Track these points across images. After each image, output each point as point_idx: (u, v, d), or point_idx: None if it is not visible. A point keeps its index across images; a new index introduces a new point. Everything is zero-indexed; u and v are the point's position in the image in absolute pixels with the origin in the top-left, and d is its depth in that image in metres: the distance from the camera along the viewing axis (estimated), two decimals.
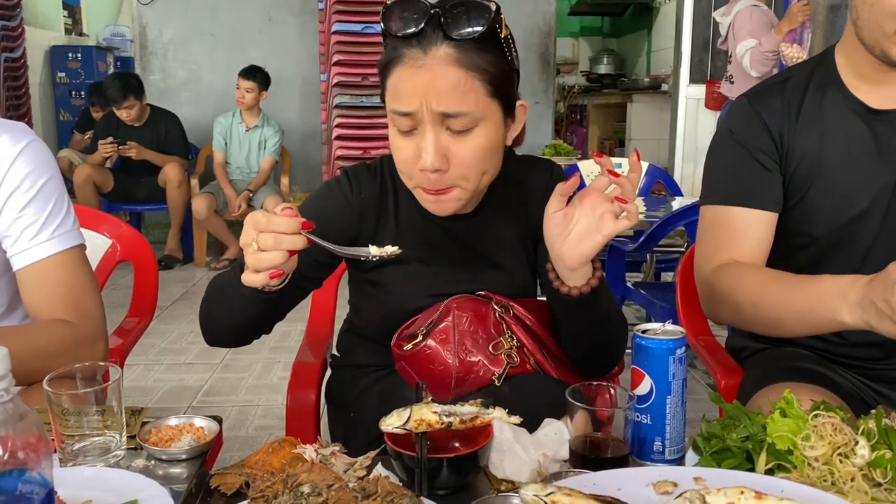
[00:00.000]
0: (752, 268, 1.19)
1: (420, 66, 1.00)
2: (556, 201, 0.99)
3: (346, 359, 1.34)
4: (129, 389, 2.90)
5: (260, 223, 0.90)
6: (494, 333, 1.14)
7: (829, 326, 1.03)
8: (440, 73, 1.00)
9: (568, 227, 0.99)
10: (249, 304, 1.04)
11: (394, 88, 1.04)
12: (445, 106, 1.01)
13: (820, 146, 1.21)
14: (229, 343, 1.18)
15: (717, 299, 1.21)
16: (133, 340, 1.58)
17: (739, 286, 1.16)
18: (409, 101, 1.01)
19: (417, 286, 1.18)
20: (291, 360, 1.42)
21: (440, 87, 1.00)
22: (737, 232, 1.22)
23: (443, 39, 1.00)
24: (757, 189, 1.22)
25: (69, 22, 7.28)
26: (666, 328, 0.91)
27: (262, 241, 0.90)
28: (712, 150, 1.30)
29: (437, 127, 1.03)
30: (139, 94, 4.83)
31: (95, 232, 1.68)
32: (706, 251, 1.25)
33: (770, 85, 1.27)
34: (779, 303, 1.10)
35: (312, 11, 5.31)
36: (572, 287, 1.02)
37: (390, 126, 1.08)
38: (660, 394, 0.88)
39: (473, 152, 1.05)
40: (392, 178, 1.20)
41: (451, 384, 1.12)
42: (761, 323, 1.16)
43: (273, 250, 0.90)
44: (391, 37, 1.03)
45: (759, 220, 1.22)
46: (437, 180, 1.05)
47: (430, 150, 1.02)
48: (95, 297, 1.23)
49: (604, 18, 9.21)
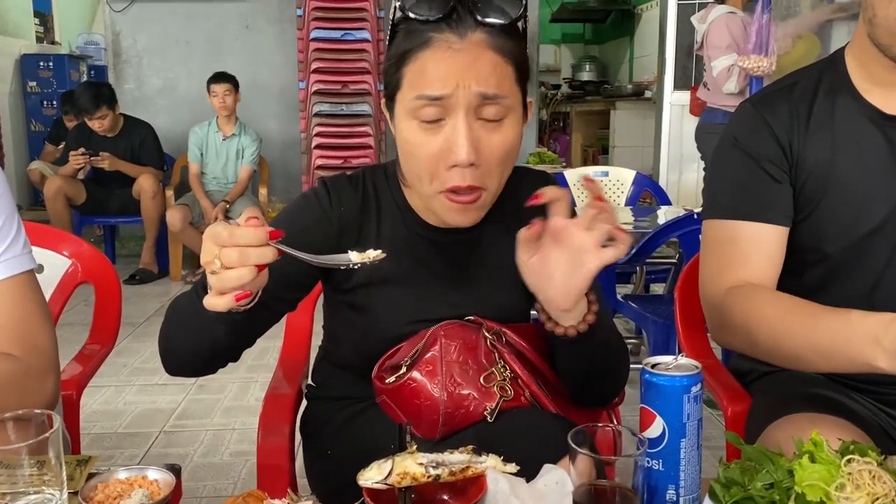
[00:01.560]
0: (768, 294, 1.10)
1: (458, 49, 0.93)
2: (525, 249, 0.90)
3: (322, 390, 1.23)
4: (98, 413, 2.77)
5: (221, 237, 0.77)
6: (486, 363, 1.04)
7: (858, 369, 0.94)
8: (479, 55, 0.93)
9: (548, 272, 0.89)
10: (213, 327, 0.91)
11: (419, 73, 0.95)
12: (487, 87, 0.93)
13: (832, 155, 1.12)
14: (192, 371, 1.05)
15: (730, 326, 1.12)
16: (93, 368, 1.46)
17: (755, 315, 1.07)
18: (443, 83, 0.93)
19: (401, 309, 1.08)
20: (269, 380, 1.32)
21: (481, 68, 0.93)
22: (745, 249, 1.13)
23: (474, 24, 0.93)
24: (766, 201, 1.13)
25: (41, 30, 7.11)
26: (679, 362, 0.81)
27: (225, 257, 0.76)
28: (716, 159, 1.21)
29: (471, 116, 0.94)
30: (112, 104, 4.70)
31: (54, 251, 1.57)
32: (712, 270, 1.16)
33: (776, 90, 1.18)
34: (800, 339, 1.01)
35: (290, 18, 5.21)
36: (568, 327, 0.93)
37: (405, 122, 0.97)
38: (673, 437, 0.78)
39: (503, 145, 0.97)
40: (375, 189, 1.10)
41: (438, 421, 1.01)
42: (779, 357, 1.07)
43: (239, 266, 0.77)
44: (415, 21, 0.95)
45: (770, 236, 1.13)
46: (471, 175, 0.95)
47: (465, 140, 0.93)
48: (46, 328, 1.12)
49: (585, 25, 9.18)
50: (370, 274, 1.08)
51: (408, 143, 0.98)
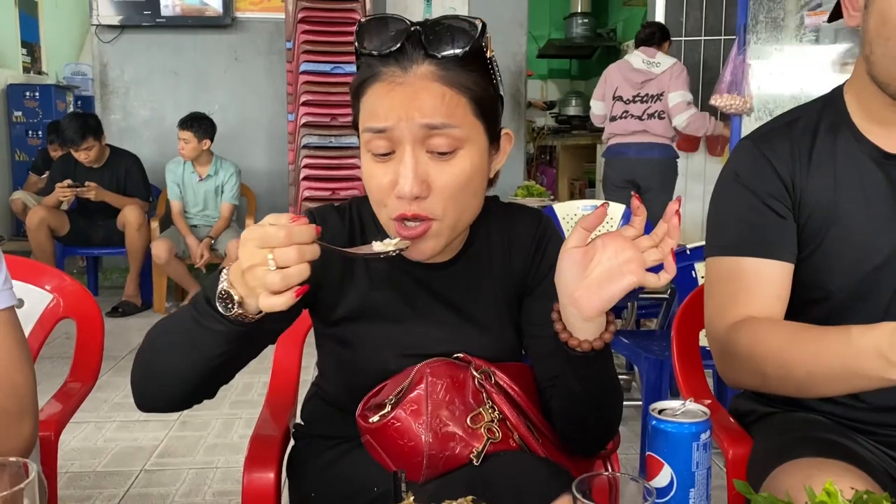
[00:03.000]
0: (771, 323, 1.08)
1: (400, 83, 0.92)
2: (578, 235, 0.85)
3: (310, 428, 1.20)
4: (77, 451, 2.69)
5: (278, 238, 0.77)
6: (473, 403, 1.00)
7: (873, 385, 0.92)
8: (423, 87, 0.92)
9: (587, 268, 0.84)
10: (219, 342, 0.87)
11: (369, 107, 0.95)
12: (430, 117, 0.91)
13: (834, 193, 1.11)
14: (167, 403, 0.97)
15: (736, 361, 1.09)
16: (74, 407, 1.41)
17: (761, 346, 1.04)
18: (386, 116, 0.92)
19: (386, 344, 1.05)
20: (253, 417, 1.27)
21: (423, 99, 0.92)
22: (750, 285, 1.11)
23: (424, 58, 0.93)
24: (771, 238, 1.11)
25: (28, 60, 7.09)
26: (687, 408, 0.78)
27: (283, 256, 0.76)
28: (717, 196, 1.19)
29: (418, 147, 0.93)
30: (98, 135, 4.66)
31: (35, 286, 1.53)
32: (717, 308, 1.14)
33: (776, 127, 1.17)
34: (809, 365, 0.98)
35: (279, 51, 5.22)
36: (582, 341, 0.88)
37: (363, 154, 0.98)
38: (682, 487, 0.75)
39: (456, 178, 0.94)
40: (361, 221, 1.09)
41: (422, 463, 0.97)
42: (792, 386, 1.03)
43: (299, 263, 0.77)
44: (367, 56, 0.95)
45: (775, 272, 1.11)
46: (415, 209, 0.94)
47: (409, 172, 0.92)
48: (24, 368, 1.07)
49: (571, 61, 9.28)
50: (355, 307, 1.07)
51: (364, 172, 0.99)
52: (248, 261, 0.78)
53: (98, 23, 5.26)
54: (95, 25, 5.32)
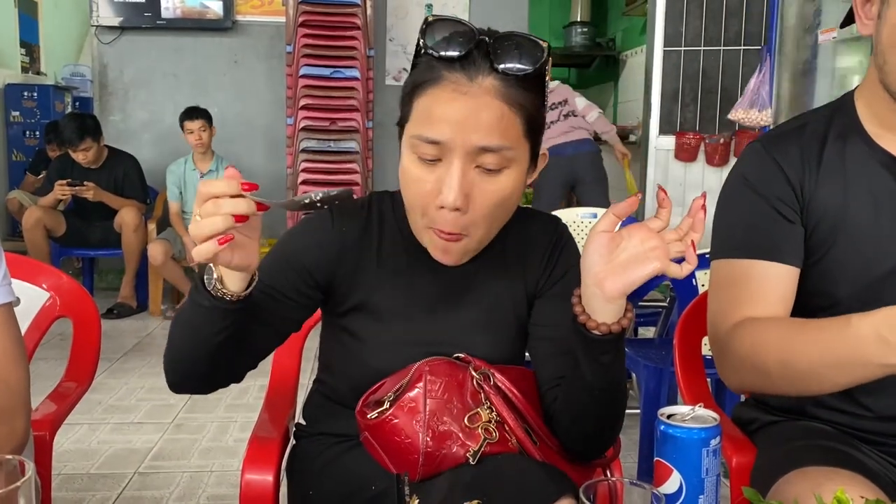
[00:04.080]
0: (771, 320, 1.07)
1: (464, 93, 0.91)
2: (608, 220, 0.87)
3: (311, 426, 1.19)
4: (71, 453, 2.67)
5: (200, 192, 0.81)
6: (471, 403, 1.00)
7: (875, 373, 0.91)
8: (485, 104, 0.91)
9: (613, 252, 0.86)
10: (212, 319, 0.89)
11: (425, 111, 0.94)
12: (488, 140, 0.92)
13: (843, 200, 1.10)
14: (194, 383, 1.01)
15: (738, 362, 1.08)
16: (69, 408, 1.39)
17: (762, 343, 1.03)
18: (442, 128, 0.92)
19: (393, 339, 1.06)
20: (249, 420, 1.26)
21: (483, 118, 0.91)
22: (756, 288, 1.09)
23: (489, 69, 0.92)
24: (778, 241, 1.10)
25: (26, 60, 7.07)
26: (696, 413, 0.77)
27: (203, 210, 0.80)
28: (724, 199, 1.18)
29: (467, 162, 0.93)
30: (96, 136, 4.65)
31: (31, 284, 1.51)
32: (721, 310, 1.13)
33: (786, 131, 1.16)
34: (812, 356, 0.97)
35: (279, 55, 5.21)
36: (601, 323, 0.89)
37: (407, 153, 0.97)
38: (691, 493, 0.74)
39: (498, 195, 0.95)
40: (380, 216, 1.10)
41: (418, 461, 0.96)
42: (795, 381, 1.02)
43: (214, 216, 0.79)
44: (429, 56, 0.94)
45: (781, 276, 1.09)
46: (454, 221, 0.95)
47: (456, 185, 0.92)
48: (18, 365, 1.06)
49: (570, 70, 9.30)
50: (366, 298, 1.07)
51: (406, 173, 0.98)
52: (194, 211, 0.83)
53: (98, 24, 5.25)
54: (95, 26, 5.31)
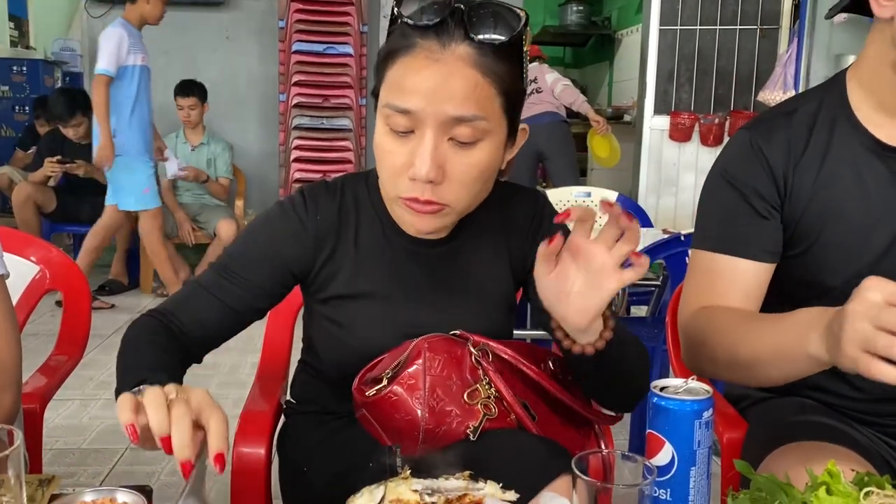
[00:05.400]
0: (726, 310, 1.07)
1: (436, 60, 0.89)
2: (545, 265, 0.85)
3: (301, 405, 1.18)
4: (62, 428, 2.67)
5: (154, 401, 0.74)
6: (470, 379, 0.99)
7: (803, 364, 0.90)
8: (458, 71, 0.89)
9: (565, 290, 0.84)
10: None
11: (397, 80, 0.92)
12: (461, 109, 0.89)
13: (830, 188, 1.08)
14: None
15: (694, 346, 1.10)
16: (59, 381, 1.39)
17: (713, 331, 1.05)
18: (414, 97, 0.89)
19: (378, 324, 1.05)
20: (241, 396, 1.26)
21: (456, 87, 0.89)
22: (722, 282, 1.10)
23: (463, 38, 0.89)
24: (748, 237, 1.10)
25: (15, 35, 6.97)
26: (689, 385, 0.77)
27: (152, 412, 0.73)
28: (705, 190, 1.17)
29: (440, 133, 0.90)
30: (87, 111, 4.59)
31: (20, 257, 1.50)
32: (689, 298, 1.14)
33: (774, 116, 1.14)
34: (755, 343, 0.98)
35: (272, 30, 5.16)
36: (585, 345, 0.89)
37: (380, 125, 0.95)
38: (683, 465, 0.74)
39: (472, 168, 0.93)
40: (354, 198, 1.07)
41: (418, 437, 0.96)
42: (738, 367, 1.02)
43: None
44: (403, 24, 0.92)
45: (748, 271, 1.09)
46: (427, 195, 0.93)
47: (427, 156, 0.90)
48: (10, 339, 1.05)
49: (566, 49, 9.24)
50: (347, 285, 1.06)
51: (378, 146, 0.96)
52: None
53: None
54: (85, 0, 5.23)
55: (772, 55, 4.90)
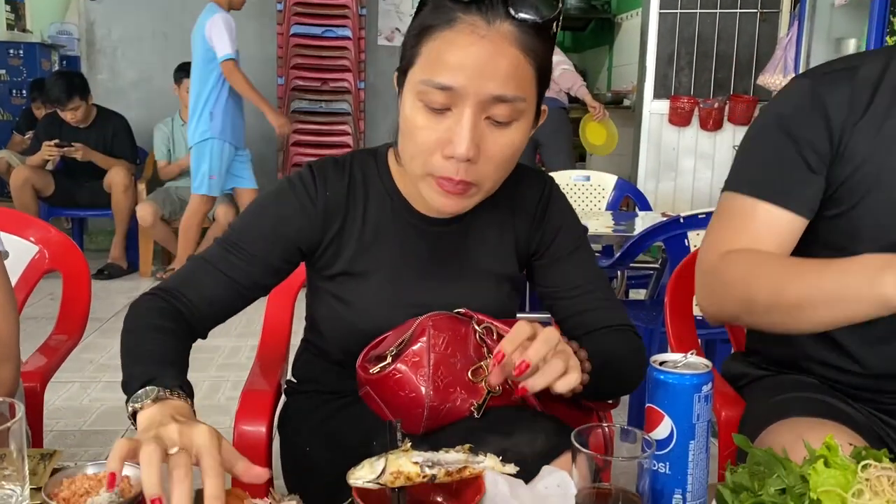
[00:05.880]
0: (770, 254, 1.03)
1: (482, 36, 0.87)
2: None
3: (302, 384, 1.19)
4: (63, 410, 2.68)
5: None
6: (474, 357, 1.00)
7: (867, 307, 0.87)
8: (503, 50, 0.88)
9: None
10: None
11: (436, 55, 0.89)
12: (504, 89, 0.88)
13: (884, 153, 1.03)
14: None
15: (722, 288, 1.05)
16: (59, 360, 1.39)
17: (755, 273, 1.00)
18: (456, 74, 0.88)
19: (388, 301, 1.05)
20: (241, 379, 1.26)
21: (501, 65, 0.88)
22: (758, 229, 1.05)
23: (505, 15, 0.88)
24: (793, 188, 1.05)
25: (12, 18, 6.94)
26: (688, 360, 0.77)
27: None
28: (753, 133, 1.12)
29: (479, 112, 0.89)
30: (84, 94, 4.58)
31: (20, 237, 1.50)
32: (717, 238, 1.08)
33: (838, 69, 1.08)
34: (804, 282, 0.94)
35: (270, 13, 5.12)
36: (566, 393, 0.87)
37: (411, 100, 0.93)
38: (682, 438, 0.75)
39: (506, 148, 0.93)
40: (363, 175, 1.07)
41: (422, 415, 0.96)
42: (780, 309, 0.98)
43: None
44: None
45: (787, 223, 1.05)
46: (462, 175, 0.92)
47: (468, 135, 0.89)
48: (8, 316, 1.06)
49: (565, 33, 9.19)
50: (353, 262, 1.06)
51: (409, 122, 0.93)
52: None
53: None
54: None
55: (772, 39, 4.88)
